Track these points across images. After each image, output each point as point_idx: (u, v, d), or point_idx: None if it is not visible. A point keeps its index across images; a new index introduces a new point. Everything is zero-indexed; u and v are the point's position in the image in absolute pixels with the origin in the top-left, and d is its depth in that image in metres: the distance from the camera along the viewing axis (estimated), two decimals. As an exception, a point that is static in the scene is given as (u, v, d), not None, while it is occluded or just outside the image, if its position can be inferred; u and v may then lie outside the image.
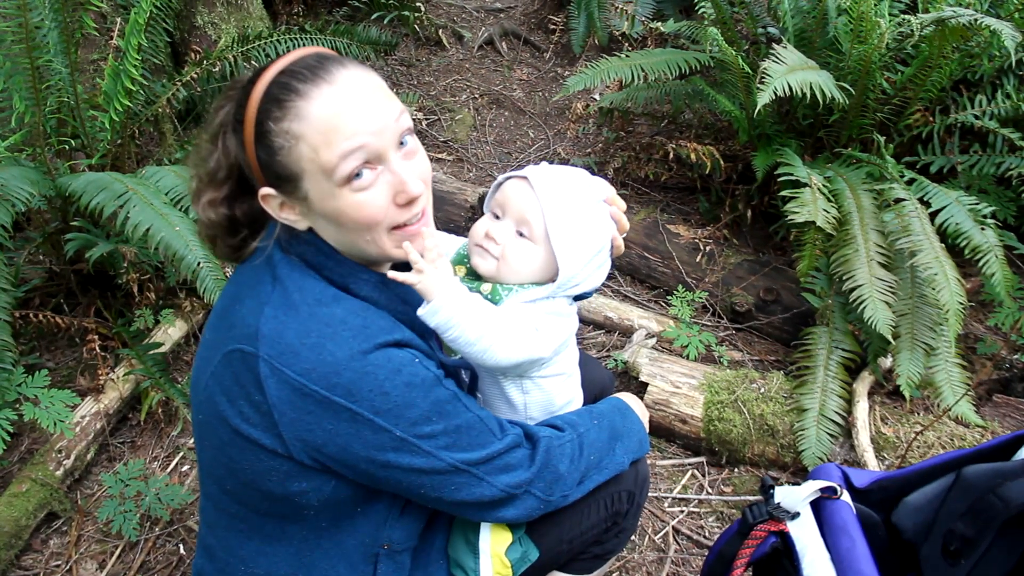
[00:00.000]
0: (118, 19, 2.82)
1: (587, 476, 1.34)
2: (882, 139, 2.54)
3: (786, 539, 1.26)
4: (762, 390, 2.33)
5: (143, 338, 2.45)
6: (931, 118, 2.70)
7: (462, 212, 3.16)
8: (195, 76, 2.92)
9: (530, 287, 1.32)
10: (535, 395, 1.39)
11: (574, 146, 3.90)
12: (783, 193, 2.47)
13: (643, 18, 4.26)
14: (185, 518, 2.14)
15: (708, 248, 2.96)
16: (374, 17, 4.41)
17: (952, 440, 2.19)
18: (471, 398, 1.23)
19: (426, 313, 1.18)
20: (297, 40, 3.23)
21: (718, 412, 2.30)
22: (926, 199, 2.37)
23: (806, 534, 1.24)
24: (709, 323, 2.83)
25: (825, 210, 2.34)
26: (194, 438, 1.35)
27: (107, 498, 2.08)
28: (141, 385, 2.38)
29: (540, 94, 4.37)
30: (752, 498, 2.21)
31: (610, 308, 2.82)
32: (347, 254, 1.18)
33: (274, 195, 1.14)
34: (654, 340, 2.66)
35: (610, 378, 1.78)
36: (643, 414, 1.52)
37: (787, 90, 2.26)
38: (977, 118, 2.62)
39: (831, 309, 2.41)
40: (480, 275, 1.35)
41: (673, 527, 2.15)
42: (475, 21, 4.96)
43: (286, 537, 1.21)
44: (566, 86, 3.17)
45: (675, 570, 2.04)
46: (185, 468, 2.31)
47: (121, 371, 2.37)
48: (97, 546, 2.07)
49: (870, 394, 2.34)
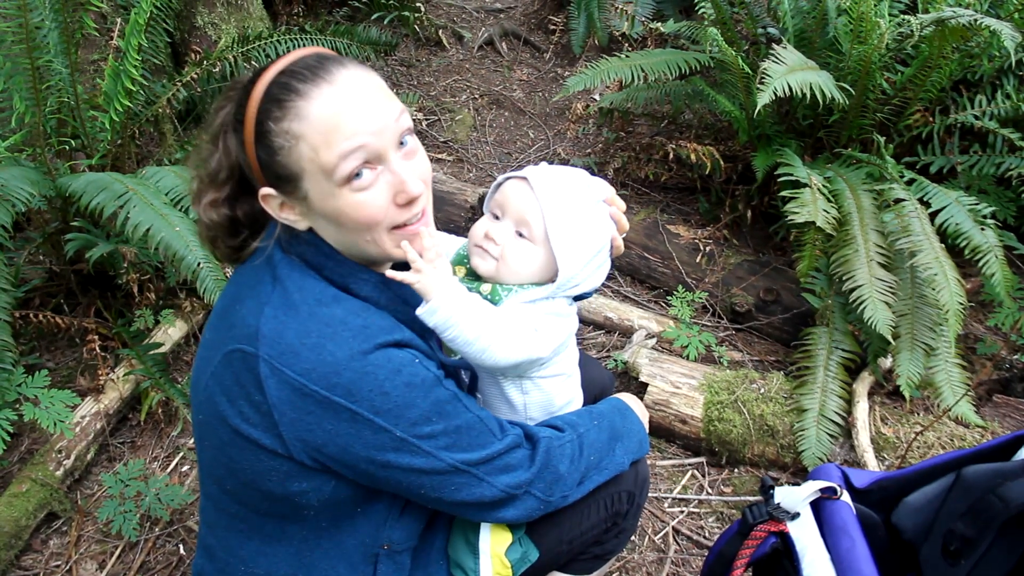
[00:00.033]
0: (118, 19, 2.82)
1: (587, 476, 1.34)
2: (882, 139, 2.54)
3: (786, 539, 1.26)
4: (762, 390, 2.33)
5: (143, 338, 2.45)
6: (931, 118, 2.70)
7: (462, 212, 3.16)
8: (195, 76, 2.92)
9: (530, 287, 1.32)
10: (535, 395, 1.39)
11: (574, 146, 3.90)
12: (783, 193, 2.47)
13: (643, 18, 4.26)
14: (185, 518, 2.14)
15: (708, 248, 2.96)
16: (374, 17, 4.41)
17: (952, 440, 2.19)
18: (471, 398, 1.23)
19: (424, 313, 1.18)
20: (297, 40, 3.23)
21: (718, 412, 2.30)
22: (926, 199, 2.37)
23: (806, 534, 1.24)
24: (709, 323, 2.83)
25: (825, 210, 2.34)
26: (194, 438, 1.35)
27: (107, 498, 2.09)
28: (141, 385, 2.38)
29: (540, 94, 4.37)
30: (752, 498, 2.21)
31: (610, 308, 2.82)
32: (347, 254, 1.18)
33: (274, 195, 1.14)
34: (654, 340, 2.66)
35: (610, 378, 1.78)
36: (643, 415, 1.52)
37: (787, 90, 2.26)
38: (977, 118, 2.62)
39: (831, 309, 2.41)
40: (480, 275, 1.35)
41: (673, 527, 2.15)
42: (475, 21, 4.96)
43: (286, 537, 1.21)
44: (566, 86, 3.17)
45: (675, 570, 2.04)
46: (185, 468, 2.31)
47: (121, 371, 2.37)
48: (97, 546, 2.07)
49: (870, 394, 2.34)
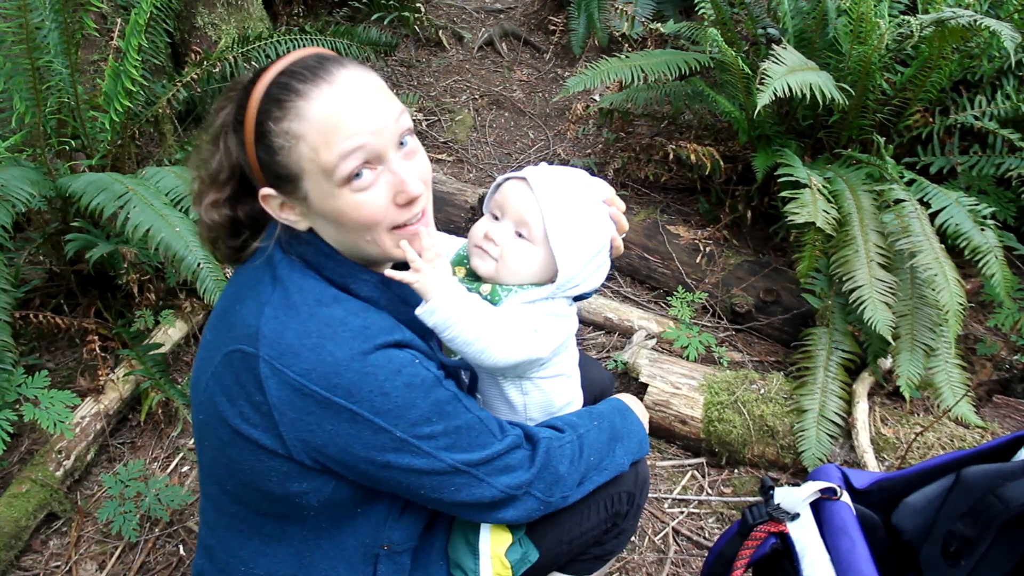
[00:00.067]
0: (118, 20, 2.82)
1: (587, 477, 1.34)
2: (882, 140, 2.54)
3: (786, 540, 1.26)
4: (762, 391, 2.33)
5: (143, 339, 2.45)
6: (931, 119, 2.70)
7: (462, 213, 3.16)
8: (195, 77, 2.92)
9: (529, 288, 1.32)
10: (535, 396, 1.39)
11: (574, 147, 3.90)
12: (783, 194, 2.47)
13: (643, 19, 4.26)
14: (185, 519, 2.14)
15: (708, 249, 2.96)
16: (374, 18, 4.41)
17: (952, 441, 2.19)
18: (471, 399, 1.23)
19: (424, 312, 1.18)
20: (297, 41, 3.23)
21: (718, 413, 2.30)
22: (926, 200, 2.37)
23: (806, 535, 1.24)
24: (709, 324, 2.83)
25: (825, 211, 2.34)
26: (194, 439, 1.35)
27: (107, 499, 2.09)
28: (141, 386, 2.38)
29: (540, 95, 4.37)
30: (752, 499, 2.21)
31: (610, 309, 2.82)
32: (347, 254, 1.18)
33: (274, 195, 1.14)
34: (654, 341, 2.66)
35: (610, 379, 1.78)
36: (643, 415, 1.52)
37: (787, 91, 2.26)
38: (977, 119, 2.62)
39: (831, 310, 2.41)
40: (479, 276, 1.35)
41: (673, 528, 2.15)
42: (475, 22, 4.96)
43: (286, 538, 1.21)
44: (566, 87, 3.17)
45: (675, 571, 2.04)
46: (185, 469, 2.31)
47: (121, 372, 2.37)
48: (97, 547, 2.07)
49: (870, 395, 2.34)
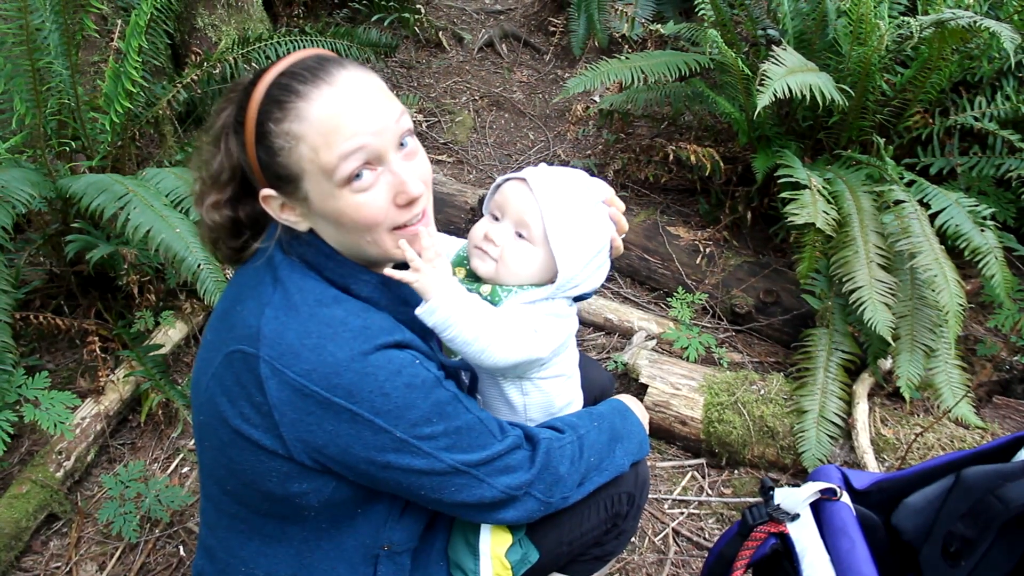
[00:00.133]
0: (119, 21, 2.82)
1: (587, 478, 1.34)
2: (882, 141, 2.54)
3: (786, 540, 1.26)
4: (762, 392, 2.33)
5: (143, 340, 2.45)
6: (931, 120, 2.70)
7: (462, 214, 3.16)
8: (195, 78, 2.92)
9: (529, 288, 1.32)
10: (535, 396, 1.39)
11: (574, 148, 3.91)
12: (783, 195, 2.47)
13: (643, 20, 4.27)
14: (185, 520, 2.14)
15: (708, 250, 2.96)
16: (374, 19, 4.41)
17: (952, 442, 2.19)
18: (471, 399, 1.23)
19: (423, 312, 1.18)
20: (297, 42, 3.23)
21: (718, 414, 2.30)
22: (926, 201, 2.37)
23: (806, 535, 1.24)
24: (709, 325, 2.83)
25: (825, 212, 2.34)
26: (195, 439, 1.35)
27: (107, 500, 2.09)
28: (141, 387, 2.38)
29: (540, 96, 4.37)
30: (752, 500, 2.21)
31: (610, 310, 2.82)
32: (348, 255, 1.18)
33: (275, 196, 1.14)
34: (654, 342, 2.66)
35: (610, 380, 1.78)
36: (643, 416, 1.52)
37: (787, 92, 2.27)
38: (977, 120, 2.62)
39: (831, 311, 2.41)
40: (479, 277, 1.35)
41: (673, 529, 2.15)
42: (475, 23, 4.96)
43: (286, 538, 1.21)
44: (566, 88, 3.18)
45: (675, 572, 2.04)
46: (185, 470, 2.31)
47: (121, 373, 2.37)
48: (97, 548, 2.07)
49: (870, 396, 2.34)
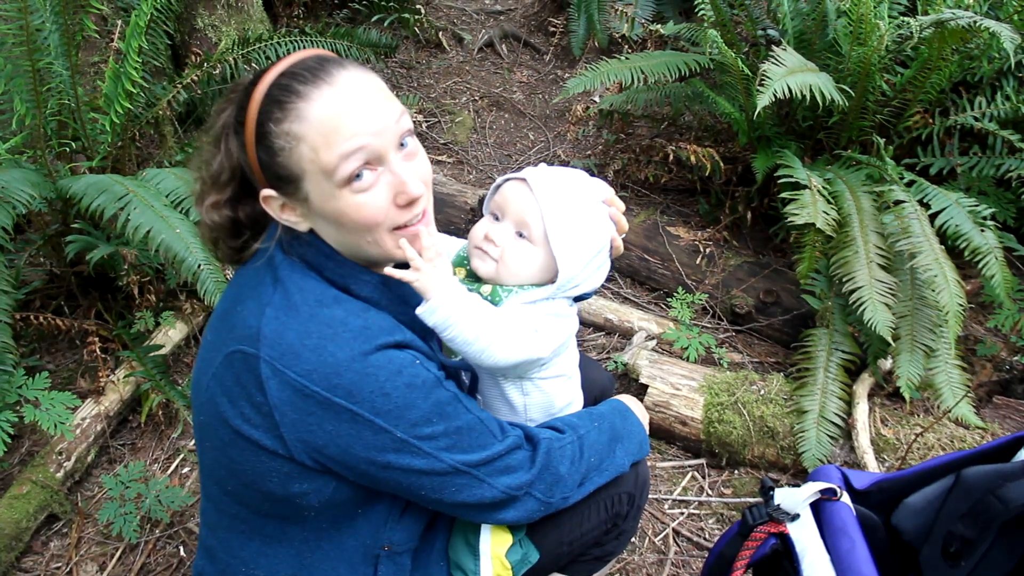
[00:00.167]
0: (119, 22, 2.82)
1: (587, 478, 1.34)
2: (882, 141, 2.54)
3: (786, 540, 1.26)
4: (762, 392, 2.33)
5: (143, 340, 2.45)
6: (931, 120, 2.70)
7: (462, 214, 3.16)
8: (195, 78, 2.92)
9: (530, 288, 1.32)
10: (535, 397, 1.39)
11: (574, 148, 3.91)
12: (783, 195, 2.47)
13: (643, 20, 4.27)
14: (185, 520, 2.14)
15: (708, 250, 2.96)
16: (374, 19, 4.42)
17: (952, 442, 2.19)
18: (472, 400, 1.23)
19: (424, 312, 1.18)
20: (297, 43, 3.23)
21: (718, 414, 2.30)
22: (926, 201, 2.37)
23: (806, 535, 1.24)
24: (709, 325, 2.83)
25: (825, 212, 2.34)
26: (195, 440, 1.35)
27: (107, 500, 2.09)
28: (141, 387, 2.38)
29: (540, 96, 4.37)
30: (752, 500, 2.21)
31: (610, 310, 2.82)
32: (348, 255, 1.18)
33: (275, 196, 1.14)
34: (654, 342, 2.66)
35: (610, 380, 1.78)
36: (643, 416, 1.52)
37: (787, 92, 2.27)
38: (977, 120, 2.62)
39: (831, 311, 2.41)
40: (480, 277, 1.35)
41: (673, 529, 2.15)
42: (475, 23, 4.96)
43: (287, 538, 1.21)
44: (566, 88, 3.18)
45: (675, 572, 2.04)
46: (185, 470, 2.31)
47: (121, 373, 2.37)
48: (97, 548, 2.07)
49: (870, 396, 2.34)
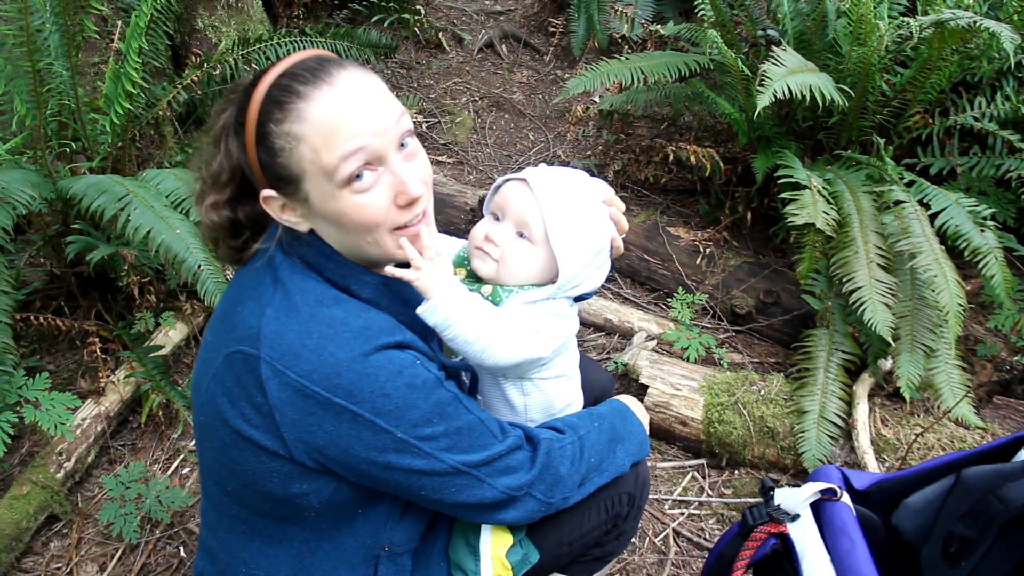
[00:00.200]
0: (119, 22, 2.82)
1: (588, 478, 1.34)
2: (882, 141, 2.54)
3: (786, 541, 1.26)
4: (762, 392, 2.33)
5: (144, 341, 2.45)
6: (931, 120, 2.70)
7: (462, 215, 3.16)
8: (195, 79, 2.92)
9: (530, 288, 1.32)
10: (535, 397, 1.39)
11: (574, 149, 3.91)
12: (783, 195, 2.47)
13: (643, 21, 4.27)
14: (186, 521, 2.14)
15: (708, 250, 2.96)
16: (374, 20, 4.42)
17: (952, 442, 2.19)
18: (472, 400, 1.23)
19: (425, 311, 1.18)
20: (297, 43, 3.24)
21: (718, 414, 2.30)
22: (926, 201, 2.37)
23: (806, 536, 1.24)
24: (709, 325, 2.83)
25: (825, 212, 2.34)
26: (195, 440, 1.35)
27: (108, 501, 2.09)
28: (142, 388, 2.38)
29: (540, 97, 4.38)
30: (752, 500, 2.21)
31: (610, 310, 2.82)
32: (348, 256, 1.18)
33: (275, 197, 1.14)
34: (654, 342, 2.66)
35: (610, 380, 1.78)
36: (643, 417, 1.52)
37: (787, 92, 2.27)
38: (977, 120, 2.62)
39: (831, 311, 2.41)
40: (480, 278, 1.35)
41: (673, 529, 2.15)
42: (475, 24, 4.97)
43: (287, 539, 1.21)
44: (566, 89, 3.18)
45: (675, 572, 2.04)
46: (186, 471, 2.31)
47: (122, 374, 2.37)
48: (98, 549, 2.07)
49: (870, 396, 2.34)
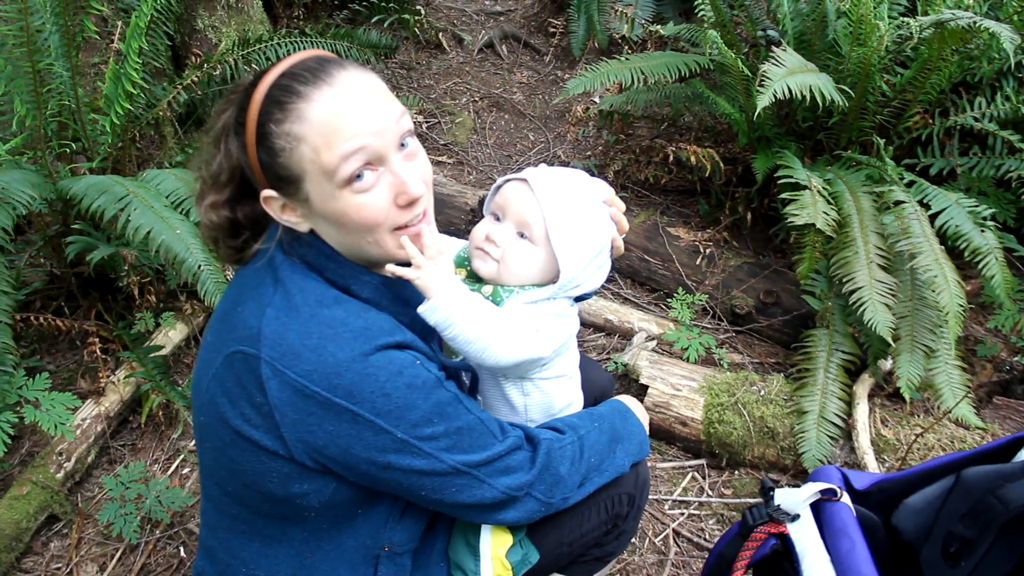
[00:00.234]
0: (119, 23, 2.82)
1: (588, 478, 1.34)
2: (882, 141, 2.54)
3: (786, 541, 1.26)
4: (762, 392, 2.33)
5: (144, 341, 2.45)
6: (931, 120, 2.70)
7: (462, 215, 3.16)
8: (196, 79, 2.93)
9: (531, 288, 1.32)
10: (535, 397, 1.39)
11: (574, 149, 3.91)
12: (783, 196, 2.47)
13: (643, 21, 4.27)
14: (186, 521, 2.14)
15: (708, 251, 2.96)
16: (374, 20, 4.42)
17: (952, 442, 2.19)
18: (472, 400, 1.23)
19: (425, 310, 1.18)
20: (297, 43, 3.24)
21: (718, 414, 2.30)
22: (926, 201, 2.37)
23: (806, 536, 1.24)
24: (709, 325, 2.83)
25: (825, 212, 2.34)
26: (195, 440, 1.35)
27: (108, 501, 2.09)
28: (142, 388, 2.38)
29: (540, 97, 4.38)
30: (752, 500, 2.21)
31: (610, 311, 2.82)
32: (348, 256, 1.18)
33: (275, 197, 1.14)
34: (654, 343, 2.66)
35: (610, 380, 1.79)
36: (643, 417, 1.52)
37: (787, 93, 2.27)
38: (976, 120, 2.62)
39: (831, 311, 2.41)
40: (481, 278, 1.35)
41: (673, 529, 2.15)
42: (475, 24, 4.97)
43: (287, 539, 1.21)
44: (566, 89, 3.17)
45: (675, 572, 2.04)
46: (186, 471, 2.31)
47: (122, 374, 2.37)
48: (98, 549, 2.07)
49: (870, 396, 2.34)
